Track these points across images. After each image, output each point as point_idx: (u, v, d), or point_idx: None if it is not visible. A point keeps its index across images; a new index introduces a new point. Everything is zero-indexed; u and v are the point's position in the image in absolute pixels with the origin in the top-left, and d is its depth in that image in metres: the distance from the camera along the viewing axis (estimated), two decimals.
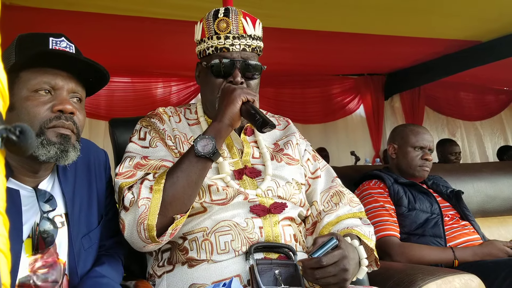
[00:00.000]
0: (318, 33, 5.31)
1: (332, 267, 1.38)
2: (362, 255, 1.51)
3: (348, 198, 1.75)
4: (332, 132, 7.89)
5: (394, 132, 2.83)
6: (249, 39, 1.62)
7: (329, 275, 1.37)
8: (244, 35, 1.61)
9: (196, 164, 1.44)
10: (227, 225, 1.52)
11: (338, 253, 1.40)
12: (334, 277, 1.38)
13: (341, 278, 1.39)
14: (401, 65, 7.37)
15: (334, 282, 1.39)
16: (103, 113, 6.25)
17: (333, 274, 1.38)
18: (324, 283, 1.39)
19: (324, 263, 1.36)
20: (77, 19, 4.41)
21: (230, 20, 1.61)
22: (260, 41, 1.67)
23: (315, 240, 1.44)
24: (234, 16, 1.62)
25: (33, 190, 1.35)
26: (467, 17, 5.10)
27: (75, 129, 1.35)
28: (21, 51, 1.34)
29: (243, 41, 1.61)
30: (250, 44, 1.62)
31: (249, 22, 1.63)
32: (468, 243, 2.42)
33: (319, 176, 1.79)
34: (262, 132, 1.47)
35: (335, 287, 1.40)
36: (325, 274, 1.37)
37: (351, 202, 1.75)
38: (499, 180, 3.25)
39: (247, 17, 1.64)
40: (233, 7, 1.66)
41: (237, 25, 1.61)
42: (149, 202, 1.40)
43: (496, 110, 9.11)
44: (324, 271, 1.37)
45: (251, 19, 1.64)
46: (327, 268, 1.37)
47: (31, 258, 1.30)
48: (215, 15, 1.63)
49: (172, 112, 1.74)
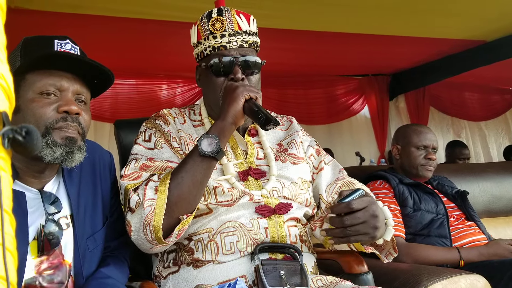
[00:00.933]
0: (322, 33, 5.31)
1: (361, 213, 1.35)
2: (387, 215, 1.48)
3: (359, 186, 1.71)
4: (336, 133, 7.87)
5: (397, 133, 2.83)
6: (245, 35, 1.62)
7: (359, 221, 1.35)
8: (239, 32, 1.61)
9: (200, 163, 1.44)
10: (233, 225, 1.52)
11: (367, 199, 1.38)
12: (364, 224, 1.35)
13: (371, 226, 1.37)
14: (406, 65, 7.35)
15: (363, 231, 1.36)
16: (108, 115, 6.27)
17: (363, 220, 1.35)
18: (353, 232, 1.35)
19: (354, 207, 1.34)
20: (81, 22, 4.43)
21: (224, 19, 1.61)
22: (256, 37, 1.67)
23: (340, 192, 1.41)
24: (228, 14, 1.62)
25: (39, 192, 1.36)
26: (471, 17, 5.08)
27: (81, 130, 1.36)
28: (26, 54, 1.35)
29: (240, 38, 1.61)
30: (247, 40, 1.62)
31: (243, 19, 1.63)
32: (473, 243, 2.41)
33: (322, 168, 1.76)
34: (266, 129, 1.46)
35: (364, 237, 1.38)
36: (354, 220, 1.34)
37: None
38: (505, 180, 3.24)
39: (241, 14, 1.64)
40: (225, 7, 1.66)
41: (232, 22, 1.61)
42: (154, 203, 1.40)
43: (501, 110, 9.07)
44: (353, 217, 1.34)
45: (245, 16, 1.65)
46: (357, 214, 1.34)
47: (37, 260, 1.30)
48: (208, 16, 1.64)
49: (177, 113, 1.74)
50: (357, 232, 1.35)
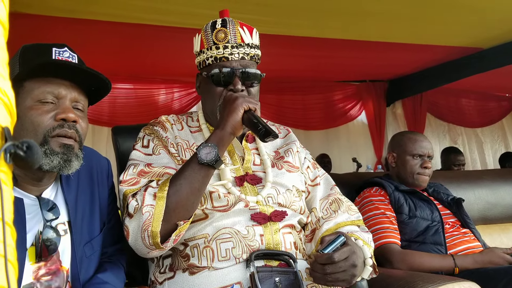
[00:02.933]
0: (320, 40, 5.33)
1: (342, 263, 1.40)
2: (366, 254, 1.53)
3: (346, 205, 1.78)
4: (334, 138, 7.89)
5: (393, 140, 2.83)
6: (247, 48, 1.65)
7: (339, 270, 1.40)
8: (242, 44, 1.64)
9: (199, 171, 1.47)
10: (228, 232, 1.53)
11: (347, 249, 1.42)
12: (344, 272, 1.41)
13: (350, 274, 1.42)
14: (403, 71, 7.38)
15: (343, 278, 1.41)
16: (106, 119, 6.27)
17: (343, 269, 1.40)
18: (333, 279, 1.40)
19: (336, 259, 1.38)
20: (79, 26, 4.44)
21: (228, 30, 1.64)
22: (258, 49, 1.71)
23: (322, 238, 1.46)
24: (232, 26, 1.65)
25: (37, 198, 1.37)
26: (468, 25, 5.11)
27: (78, 137, 1.38)
28: (25, 62, 1.36)
29: (242, 50, 1.64)
30: (249, 52, 1.65)
31: (246, 32, 1.66)
32: (468, 250, 2.42)
33: (318, 184, 1.81)
34: (264, 141, 1.49)
35: (343, 284, 1.43)
36: (335, 270, 1.39)
37: (349, 210, 1.77)
38: (500, 187, 3.24)
39: (244, 27, 1.67)
40: (230, 18, 1.69)
41: (235, 34, 1.64)
42: (153, 209, 1.42)
43: (498, 117, 9.09)
44: (335, 267, 1.39)
45: (248, 29, 1.67)
46: (338, 264, 1.39)
47: (35, 266, 1.32)
48: (213, 26, 1.67)
49: (175, 120, 1.77)
50: (336, 279, 1.41)
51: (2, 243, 0.44)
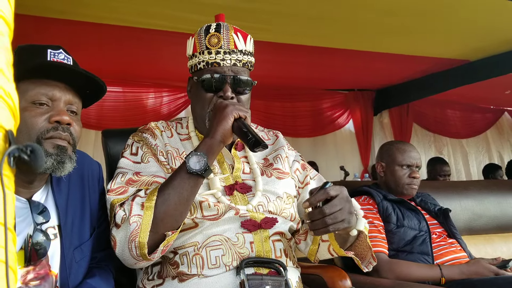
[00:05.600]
0: (309, 48, 5.36)
1: (337, 200, 1.40)
2: (356, 206, 1.53)
3: None
4: (321, 146, 7.91)
5: (382, 150, 2.85)
6: (240, 54, 1.63)
7: (336, 208, 1.39)
8: (235, 50, 1.62)
9: (187, 180, 1.44)
10: (218, 239, 1.52)
11: (338, 186, 1.43)
12: (341, 210, 1.39)
13: (347, 211, 1.41)
14: (391, 81, 7.44)
15: (341, 217, 1.39)
16: (94, 122, 6.22)
17: (340, 207, 1.39)
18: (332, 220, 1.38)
19: (331, 193, 1.39)
20: (69, 27, 4.42)
21: (221, 36, 1.62)
22: (251, 56, 1.68)
23: (311, 190, 1.45)
24: (226, 31, 1.63)
25: (27, 201, 1.35)
26: (455, 37, 5.18)
27: (72, 140, 1.37)
28: (19, 63, 1.34)
29: (234, 56, 1.62)
30: (241, 59, 1.63)
31: (240, 38, 1.64)
32: (455, 260, 2.44)
33: (308, 183, 1.79)
34: (254, 151, 1.46)
35: (342, 224, 1.41)
36: (333, 208, 1.38)
37: None
38: (486, 199, 3.28)
39: (238, 33, 1.65)
40: (224, 23, 1.67)
41: (228, 40, 1.62)
42: (140, 219, 1.39)
43: (482, 128, 9.20)
44: (331, 205, 1.38)
45: (242, 35, 1.66)
46: (333, 201, 1.39)
47: (23, 270, 1.30)
48: (206, 30, 1.65)
49: (164, 126, 1.74)
50: (335, 220, 1.39)
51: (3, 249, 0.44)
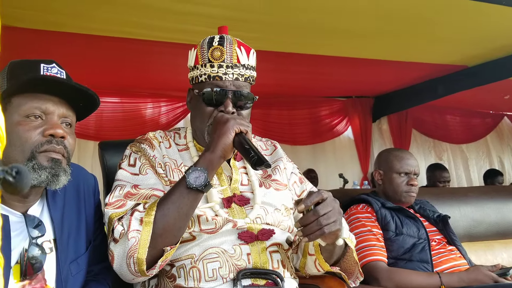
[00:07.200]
0: (307, 56, 5.37)
1: (328, 200, 1.44)
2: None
3: None
4: (320, 153, 7.90)
5: (379, 157, 2.84)
6: (243, 69, 1.61)
7: (329, 208, 1.43)
8: (237, 65, 1.60)
9: (187, 195, 1.43)
10: (215, 252, 1.51)
11: (324, 191, 1.47)
12: (333, 211, 1.44)
13: (338, 211, 1.47)
14: (389, 88, 7.45)
15: (333, 218, 1.44)
16: (92, 133, 6.22)
17: (332, 207, 1.44)
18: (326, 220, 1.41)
19: (324, 195, 1.44)
20: (66, 40, 4.42)
21: (224, 49, 1.60)
22: (253, 71, 1.67)
23: (297, 200, 1.50)
24: (229, 45, 1.61)
25: (22, 215, 1.35)
26: (453, 43, 5.19)
27: (66, 153, 1.37)
28: (12, 77, 1.35)
29: (237, 71, 1.60)
30: (243, 73, 1.61)
31: (244, 52, 1.63)
32: (454, 268, 2.43)
33: None
34: (256, 169, 1.45)
35: (335, 226, 1.44)
36: (325, 209, 1.42)
37: None
38: (486, 205, 3.27)
39: (242, 46, 1.63)
40: (228, 36, 1.65)
41: (231, 54, 1.60)
42: (139, 235, 1.38)
43: (482, 133, 9.19)
44: (324, 205, 1.42)
45: (246, 49, 1.64)
46: (325, 202, 1.43)
47: (19, 284, 1.29)
48: (209, 43, 1.63)
49: (162, 137, 1.72)
50: (329, 220, 1.42)
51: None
